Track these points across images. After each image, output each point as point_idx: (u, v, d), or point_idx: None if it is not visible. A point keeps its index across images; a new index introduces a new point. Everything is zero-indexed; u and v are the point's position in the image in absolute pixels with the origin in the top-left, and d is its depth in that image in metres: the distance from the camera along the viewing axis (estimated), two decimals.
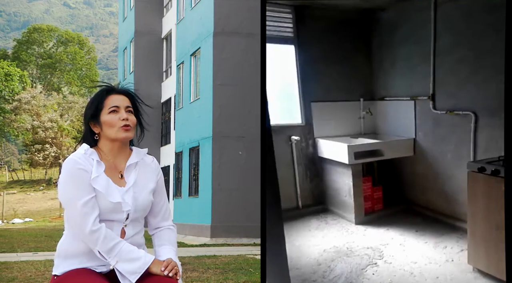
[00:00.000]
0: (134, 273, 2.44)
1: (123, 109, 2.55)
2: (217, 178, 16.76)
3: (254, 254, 11.40)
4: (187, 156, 19.14)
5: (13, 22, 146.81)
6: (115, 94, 2.58)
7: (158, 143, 25.32)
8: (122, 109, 2.55)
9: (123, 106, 2.56)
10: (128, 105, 2.58)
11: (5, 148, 67.36)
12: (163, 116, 25.27)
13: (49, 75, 63.70)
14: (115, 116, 2.53)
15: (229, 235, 16.38)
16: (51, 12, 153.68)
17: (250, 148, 16.55)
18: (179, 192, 20.26)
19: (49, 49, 64.20)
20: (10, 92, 53.02)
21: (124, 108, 2.56)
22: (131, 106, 2.59)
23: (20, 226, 29.27)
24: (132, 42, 26.35)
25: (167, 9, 25.56)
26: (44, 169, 53.38)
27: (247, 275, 7.89)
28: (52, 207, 39.97)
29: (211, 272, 8.21)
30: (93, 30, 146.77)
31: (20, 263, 9.63)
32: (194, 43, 18.86)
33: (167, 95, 24.79)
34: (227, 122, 16.85)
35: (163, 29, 25.72)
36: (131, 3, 26.67)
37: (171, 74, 24.32)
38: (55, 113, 51.35)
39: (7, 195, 41.58)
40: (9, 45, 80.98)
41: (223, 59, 17.05)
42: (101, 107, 2.55)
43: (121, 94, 2.59)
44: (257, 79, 13.33)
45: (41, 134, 49.87)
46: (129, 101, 2.59)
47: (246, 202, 16.18)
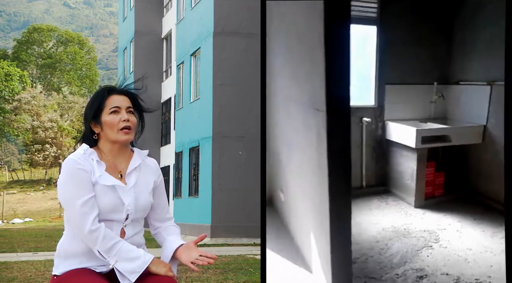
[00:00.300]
0: (133, 273, 2.44)
1: (124, 110, 2.55)
2: (217, 178, 16.76)
3: (254, 254, 11.40)
4: (187, 156, 19.15)
5: (13, 22, 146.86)
6: (116, 95, 2.57)
7: (158, 143, 25.33)
8: (123, 110, 2.54)
9: (124, 106, 2.55)
10: (129, 106, 2.57)
11: (5, 148, 67.39)
12: (163, 116, 25.28)
13: (49, 75, 63.72)
14: (116, 117, 2.52)
15: (229, 235, 16.39)
16: (51, 12, 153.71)
17: (250, 148, 16.55)
18: (179, 192, 20.26)
19: (49, 49, 64.22)
20: (10, 92, 53.04)
21: (125, 109, 2.55)
22: (132, 107, 2.59)
23: (20, 226, 29.28)
24: (132, 42, 26.36)
25: (167, 9, 25.57)
26: (44, 169, 53.41)
27: (247, 275, 7.89)
28: (52, 207, 39.98)
29: (211, 272, 8.21)
30: (93, 30, 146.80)
31: (20, 263, 9.63)
32: (194, 43, 18.86)
33: (167, 95, 24.79)
34: (227, 122, 16.85)
35: (163, 29, 25.73)
36: (131, 3, 26.68)
37: (171, 74, 24.33)
38: (55, 113, 51.38)
39: (7, 195, 41.59)
40: (9, 45, 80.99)
41: (223, 59, 17.06)
42: (102, 107, 2.54)
43: (122, 94, 2.59)
44: (257, 79, 13.32)
45: (41, 134, 49.89)
46: (130, 102, 2.59)
47: (246, 202, 16.19)
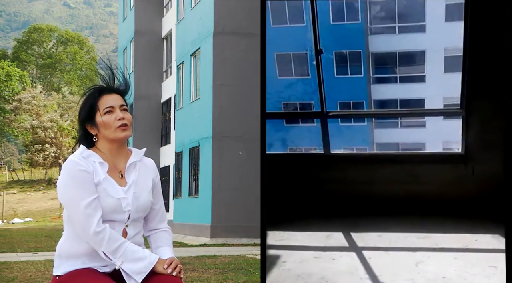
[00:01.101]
0: (140, 273, 2.45)
1: (118, 108, 2.54)
2: (217, 178, 16.76)
3: (254, 254, 11.40)
4: (187, 156, 19.15)
5: (13, 22, 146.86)
6: (108, 94, 2.56)
7: (158, 142, 25.33)
8: (117, 109, 2.53)
9: (117, 105, 2.54)
10: (123, 104, 2.56)
11: (5, 148, 67.37)
12: (163, 116, 25.28)
13: (49, 75, 63.72)
14: (111, 116, 2.51)
15: (229, 235, 16.39)
16: (51, 12, 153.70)
17: (250, 148, 16.55)
18: (179, 192, 20.26)
19: (49, 49, 64.23)
20: (10, 92, 53.04)
21: (119, 108, 2.54)
22: (125, 104, 2.58)
23: (20, 226, 29.28)
24: (132, 42, 26.36)
25: (167, 9, 25.56)
26: (44, 169, 53.41)
27: (247, 275, 7.90)
28: (52, 207, 39.99)
29: (211, 272, 8.21)
30: (93, 30, 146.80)
31: (20, 263, 9.64)
32: (194, 43, 18.86)
33: (167, 95, 24.79)
34: (227, 122, 16.85)
35: (163, 29, 25.73)
36: (131, 3, 26.68)
37: (171, 74, 24.32)
38: (55, 113, 51.36)
39: (7, 195, 41.59)
40: (9, 45, 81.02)
41: (223, 59, 17.06)
42: (95, 109, 2.52)
43: (113, 93, 2.57)
44: (257, 79, 13.33)
45: (41, 134, 49.88)
46: (122, 99, 2.58)
47: (246, 202, 16.19)
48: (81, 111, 2.56)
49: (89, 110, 2.53)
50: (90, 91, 2.58)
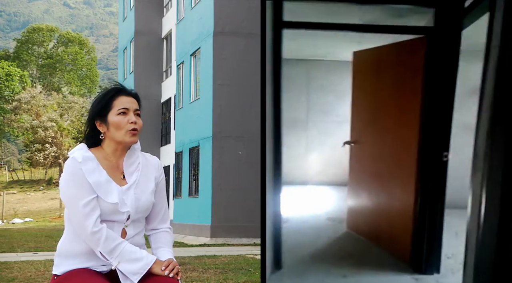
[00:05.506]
0: (136, 274, 2.44)
1: (132, 112, 2.53)
2: (217, 178, 16.76)
3: (254, 254, 11.41)
4: (187, 156, 19.15)
5: (13, 22, 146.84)
6: (125, 96, 2.55)
7: (158, 143, 25.34)
8: (131, 112, 2.53)
9: (132, 109, 2.54)
10: (137, 108, 2.56)
11: (5, 147, 67.41)
12: (163, 116, 25.29)
13: (49, 75, 63.72)
14: (124, 118, 2.51)
15: (229, 235, 16.39)
16: (51, 12, 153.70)
17: (250, 148, 16.56)
18: (179, 192, 20.26)
19: (49, 49, 64.23)
20: (10, 92, 53.05)
21: (133, 111, 2.54)
22: (139, 110, 2.58)
23: (20, 226, 29.28)
24: (132, 42, 26.36)
25: (167, 9, 25.57)
26: (44, 168, 53.43)
27: (247, 275, 7.90)
28: (52, 207, 39.99)
29: (211, 272, 8.21)
30: (93, 30, 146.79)
31: (20, 263, 9.63)
32: (194, 43, 18.87)
33: (167, 95, 24.80)
34: (227, 122, 16.86)
35: (163, 29, 25.73)
36: (131, 3, 26.68)
37: (171, 74, 24.33)
38: (55, 113, 51.36)
39: (7, 195, 41.60)
40: (9, 45, 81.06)
41: (223, 59, 17.06)
42: (109, 107, 2.52)
43: (130, 96, 2.57)
44: (257, 79, 13.33)
45: (41, 134, 49.86)
46: (138, 104, 2.58)
47: (246, 202, 16.19)
48: (94, 107, 2.55)
49: (103, 107, 2.52)
50: (109, 89, 2.57)
